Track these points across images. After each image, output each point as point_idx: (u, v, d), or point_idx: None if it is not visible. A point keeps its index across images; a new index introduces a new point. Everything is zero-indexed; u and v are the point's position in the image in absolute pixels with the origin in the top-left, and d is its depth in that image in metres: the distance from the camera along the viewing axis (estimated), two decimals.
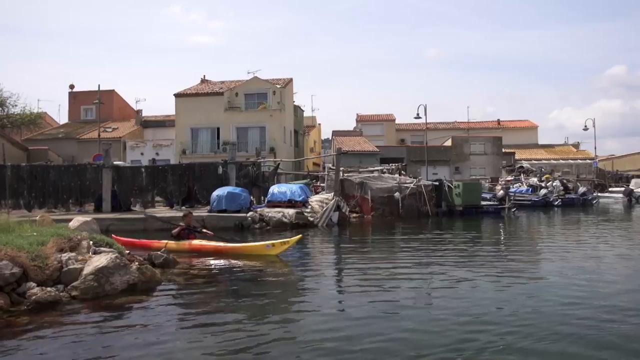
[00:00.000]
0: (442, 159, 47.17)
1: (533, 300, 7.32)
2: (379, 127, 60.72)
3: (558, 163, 52.71)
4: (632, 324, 6.10)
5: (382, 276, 9.27)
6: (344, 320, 6.25)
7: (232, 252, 11.51)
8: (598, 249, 13.57)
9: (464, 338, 5.54)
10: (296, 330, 6.00)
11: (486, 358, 5.01)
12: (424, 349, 5.23)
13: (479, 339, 5.51)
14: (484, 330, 5.82)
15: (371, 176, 26.05)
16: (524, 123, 66.80)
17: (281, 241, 11.51)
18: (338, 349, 5.21)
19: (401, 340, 5.45)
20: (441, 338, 5.58)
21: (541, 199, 32.07)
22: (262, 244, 11.59)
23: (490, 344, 5.36)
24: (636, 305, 6.99)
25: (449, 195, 25.43)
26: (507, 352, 5.14)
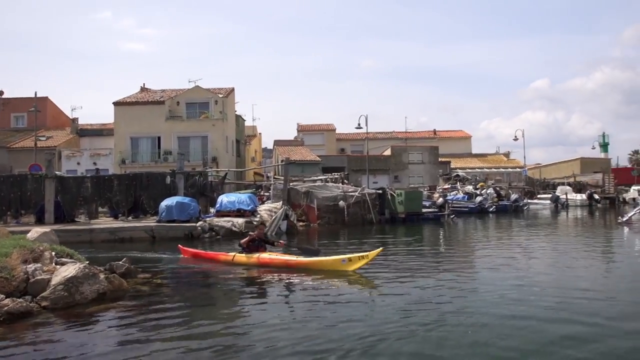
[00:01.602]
0: (382, 168, 48.36)
1: (472, 298, 7.98)
2: (320, 137, 61.53)
3: (491, 171, 55.20)
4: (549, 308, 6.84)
5: (315, 283, 9.61)
6: (289, 324, 6.58)
7: (303, 267, 10.34)
8: (529, 250, 14.72)
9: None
10: (250, 332, 6.27)
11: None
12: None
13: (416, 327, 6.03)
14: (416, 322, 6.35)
15: (316, 185, 26.62)
16: (459, 133, 69.46)
17: (359, 255, 10.04)
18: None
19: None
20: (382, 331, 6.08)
21: (477, 206, 33.66)
22: (337, 259, 10.28)
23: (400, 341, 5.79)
24: (562, 302, 7.73)
25: (392, 203, 26.36)
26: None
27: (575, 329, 6.13)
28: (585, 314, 6.89)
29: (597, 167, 58.28)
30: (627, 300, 7.94)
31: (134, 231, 18.45)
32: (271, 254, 11.19)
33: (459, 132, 69.79)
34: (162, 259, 13.24)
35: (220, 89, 44.85)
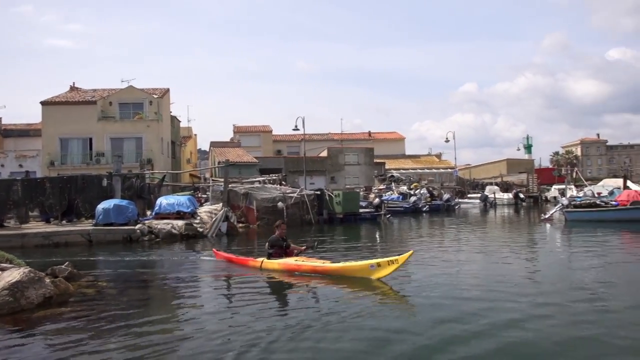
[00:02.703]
0: (319, 169, 48.97)
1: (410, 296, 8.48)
2: (256, 138, 61.47)
3: (424, 172, 57.04)
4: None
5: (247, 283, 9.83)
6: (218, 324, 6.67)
7: (331, 273, 9.67)
8: (460, 245, 15.54)
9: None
10: (192, 334, 6.33)
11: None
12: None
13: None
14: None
15: (255, 187, 26.76)
16: (393, 135, 71.20)
17: (388, 260, 9.09)
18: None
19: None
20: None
21: (411, 206, 34.82)
22: (365, 264, 9.43)
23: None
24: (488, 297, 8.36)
25: (330, 203, 26.89)
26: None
27: (499, 315, 6.71)
28: (509, 300, 7.63)
29: (522, 167, 61.40)
30: (548, 287, 8.82)
31: (70, 235, 17.97)
32: (298, 259, 10.28)
33: (393, 134, 71.53)
34: (197, 261, 13.43)
35: (154, 90, 43.99)
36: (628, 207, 22.82)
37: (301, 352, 5.42)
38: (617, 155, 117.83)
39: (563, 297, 7.75)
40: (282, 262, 10.28)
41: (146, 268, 12.45)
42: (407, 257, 8.92)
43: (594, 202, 25.25)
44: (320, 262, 10.06)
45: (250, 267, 11.06)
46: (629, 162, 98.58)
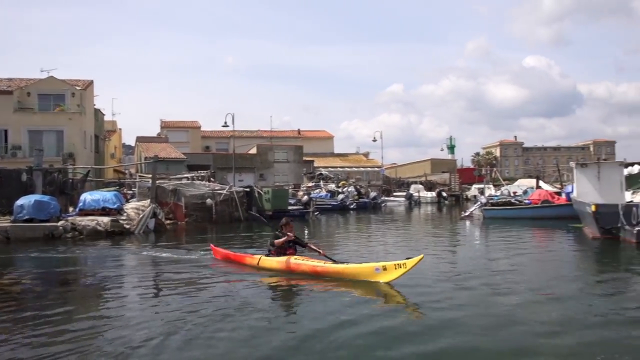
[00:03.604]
0: (248, 166, 48.89)
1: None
2: (184, 134, 60.48)
3: (352, 170, 58.13)
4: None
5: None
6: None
7: (332, 274, 9.04)
8: (386, 240, 16.17)
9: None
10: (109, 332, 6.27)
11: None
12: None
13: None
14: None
15: (183, 183, 26.44)
16: (322, 133, 71.97)
17: (395, 263, 8.39)
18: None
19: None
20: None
21: (339, 203, 35.55)
22: (370, 266, 8.78)
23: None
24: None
25: (259, 200, 27.02)
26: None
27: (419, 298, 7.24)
28: (431, 285, 8.42)
29: (445, 167, 63.82)
30: (464, 273, 9.65)
31: None
32: (297, 259, 9.65)
33: (322, 132, 72.32)
34: (193, 259, 12.46)
35: (77, 81, 42.29)
36: (539, 205, 24.49)
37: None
38: (532, 157, 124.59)
39: (478, 281, 8.75)
40: (280, 261, 9.74)
41: (79, 265, 12.19)
42: (417, 261, 8.12)
43: (509, 201, 26.86)
44: (321, 262, 9.26)
45: (247, 265, 10.53)
46: (542, 164, 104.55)
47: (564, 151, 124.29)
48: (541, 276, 9.76)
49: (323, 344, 5.48)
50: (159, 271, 11.23)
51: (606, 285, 9.05)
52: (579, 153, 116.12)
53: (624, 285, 9.12)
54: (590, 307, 7.20)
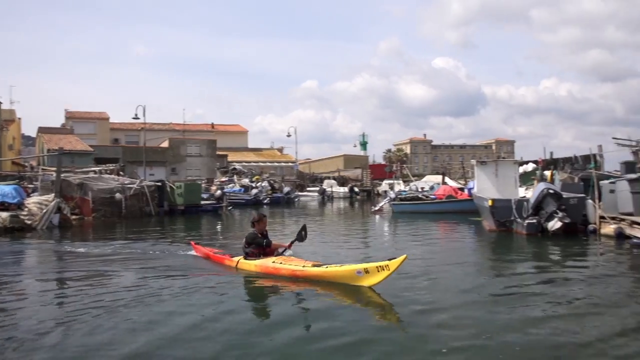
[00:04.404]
0: (159, 160, 47.69)
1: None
2: (92, 126, 58.00)
3: (266, 165, 58.20)
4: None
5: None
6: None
7: (312, 277, 8.36)
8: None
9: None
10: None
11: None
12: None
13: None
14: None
15: (91, 177, 25.50)
16: (236, 127, 71.44)
17: (377, 265, 7.69)
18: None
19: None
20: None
21: (253, 198, 35.63)
22: (351, 269, 8.01)
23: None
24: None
25: (171, 195, 26.58)
26: None
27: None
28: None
29: (357, 163, 65.39)
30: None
31: None
32: (275, 261, 8.94)
33: (236, 127, 71.80)
34: (172, 256, 11.80)
35: None
36: (443, 200, 25.83)
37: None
38: (440, 154, 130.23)
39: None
40: (258, 264, 9.07)
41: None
42: (399, 262, 7.47)
43: (416, 196, 28.09)
44: (301, 265, 8.64)
45: (225, 266, 9.89)
46: (449, 161, 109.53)
47: (469, 149, 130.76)
48: (442, 263, 10.47)
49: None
50: (59, 267, 10.89)
51: (497, 271, 9.93)
52: (482, 151, 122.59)
53: (511, 271, 10.00)
54: (482, 288, 8.00)
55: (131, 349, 5.16)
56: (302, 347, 5.28)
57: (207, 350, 5.15)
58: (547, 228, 14.25)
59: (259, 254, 9.26)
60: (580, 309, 6.73)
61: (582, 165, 24.20)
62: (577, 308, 6.77)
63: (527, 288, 8.10)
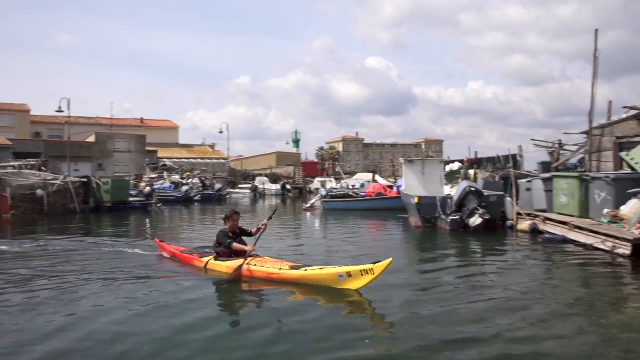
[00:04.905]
0: (85, 155, 45.91)
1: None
2: (10, 118, 55.07)
3: (197, 162, 57.28)
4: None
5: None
6: None
7: (289, 281, 7.84)
8: None
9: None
10: None
11: None
12: None
13: None
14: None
15: (9, 172, 24.29)
16: (166, 123, 69.92)
17: (361, 269, 7.29)
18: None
19: None
20: None
21: (183, 195, 35.08)
22: (332, 272, 7.57)
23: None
24: None
25: (98, 192, 25.73)
26: None
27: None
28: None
29: (290, 160, 65.53)
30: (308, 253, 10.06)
31: None
32: (249, 263, 8.31)
33: (166, 122, 70.29)
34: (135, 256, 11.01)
35: None
36: (373, 198, 26.45)
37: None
38: (372, 153, 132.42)
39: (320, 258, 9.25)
40: (230, 265, 8.50)
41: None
42: (386, 265, 7.13)
43: (347, 194, 28.62)
44: (277, 267, 8.13)
45: (194, 267, 9.33)
46: (380, 159, 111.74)
47: (400, 148, 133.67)
48: (372, 260, 10.78)
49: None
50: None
51: (421, 265, 10.39)
52: (413, 150, 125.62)
53: (434, 264, 10.49)
54: (407, 279, 8.56)
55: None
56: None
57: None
58: (469, 224, 14.96)
59: (230, 254, 8.67)
60: (497, 297, 7.23)
61: (504, 164, 25.46)
62: (494, 295, 7.30)
63: (448, 279, 8.56)
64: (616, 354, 4.96)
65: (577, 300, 7.11)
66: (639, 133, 14.83)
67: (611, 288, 8.11)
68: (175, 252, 10.36)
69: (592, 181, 12.81)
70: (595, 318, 6.20)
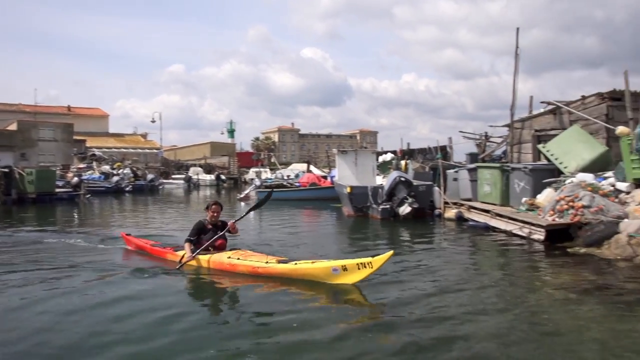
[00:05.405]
0: (6, 144, 43.51)
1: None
2: None
3: (128, 152, 55.71)
4: None
5: None
6: None
7: (277, 275, 7.32)
8: (162, 220, 16.27)
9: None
10: None
11: None
12: None
13: None
14: None
15: None
16: (95, 111, 67.52)
17: (358, 262, 6.86)
18: None
19: None
20: None
21: (114, 185, 34.18)
22: (326, 266, 7.08)
23: None
24: None
25: (21, 182, 24.66)
26: None
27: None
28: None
29: (224, 150, 64.93)
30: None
31: None
32: (232, 256, 7.81)
33: (95, 110, 67.90)
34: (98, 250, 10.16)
35: None
36: (307, 187, 26.77)
37: None
38: (307, 143, 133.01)
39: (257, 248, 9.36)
40: (209, 260, 7.96)
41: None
42: (385, 259, 6.77)
43: (281, 184, 28.78)
44: (264, 261, 7.53)
45: (168, 262, 8.54)
46: (316, 149, 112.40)
47: (335, 139, 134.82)
48: (306, 246, 11.05)
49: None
50: None
51: (351, 253, 10.62)
52: (348, 141, 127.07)
53: (364, 252, 10.77)
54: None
55: None
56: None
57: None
58: (399, 213, 15.48)
59: (208, 247, 8.15)
60: (423, 281, 7.61)
61: (434, 155, 26.35)
62: (420, 280, 7.68)
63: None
64: (527, 327, 5.38)
65: (495, 282, 7.59)
66: (555, 126, 15.75)
67: (526, 270, 8.71)
68: (144, 247, 9.67)
69: (512, 171, 13.57)
70: (511, 298, 6.66)
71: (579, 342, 5.01)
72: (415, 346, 4.80)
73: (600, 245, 9.50)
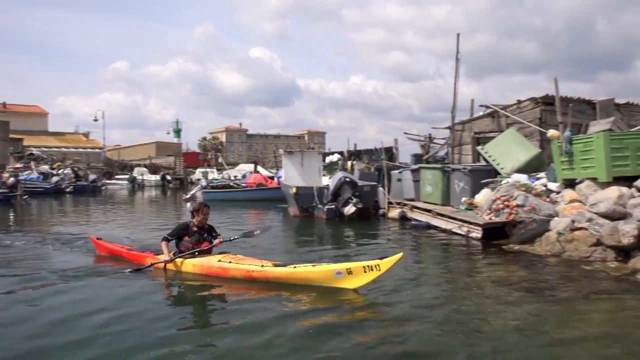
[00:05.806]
0: None
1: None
2: None
3: (69, 151, 53.97)
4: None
5: None
6: None
7: (274, 280, 6.88)
8: (106, 223, 15.93)
9: None
10: None
11: None
12: None
13: None
14: None
15: None
16: (33, 108, 65.11)
17: (364, 265, 6.49)
18: None
19: None
20: None
21: (53, 186, 33.07)
22: (329, 269, 6.70)
23: None
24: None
25: None
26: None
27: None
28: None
29: (170, 150, 63.88)
30: None
31: None
32: (222, 260, 7.35)
33: (33, 107, 65.47)
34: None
35: None
36: (254, 188, 26.73)
37: None
38: (255, 143, 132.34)
39: None
40: (197, 263, 7.46)
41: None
42: (394, 261, 6.42)
43: (228, 184, 28.63)
44: (259, 265, 7.08)
45: (147, 266, 7.98)
46: (264, 150, 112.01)
47: (283, 139, 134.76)
48: (256, 248, 11.06)
49: None
50: None
51: (296, 254, 10.82)
52: (296, 141, 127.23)
53: (309, 251, 11.01)
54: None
55: None
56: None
57: None
58: (344, 213, 15.72)
59: (194, 247, 7.70)
60: None
61: (379, 156, 26.83)
62: None
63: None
64: (461, 321, 5.65)
65: (436, 278, 7.89)
66: (493, 129, 16.39)
67: (464, 267, 9.06)
68: (119, 251, 9.00)
69: (453, 172, 14.05)
70: (451, 292, 6.98)
71: (504, 332, 5.32)
72: (348, 344, 4.97)
73: (533, 242, 10.02)
